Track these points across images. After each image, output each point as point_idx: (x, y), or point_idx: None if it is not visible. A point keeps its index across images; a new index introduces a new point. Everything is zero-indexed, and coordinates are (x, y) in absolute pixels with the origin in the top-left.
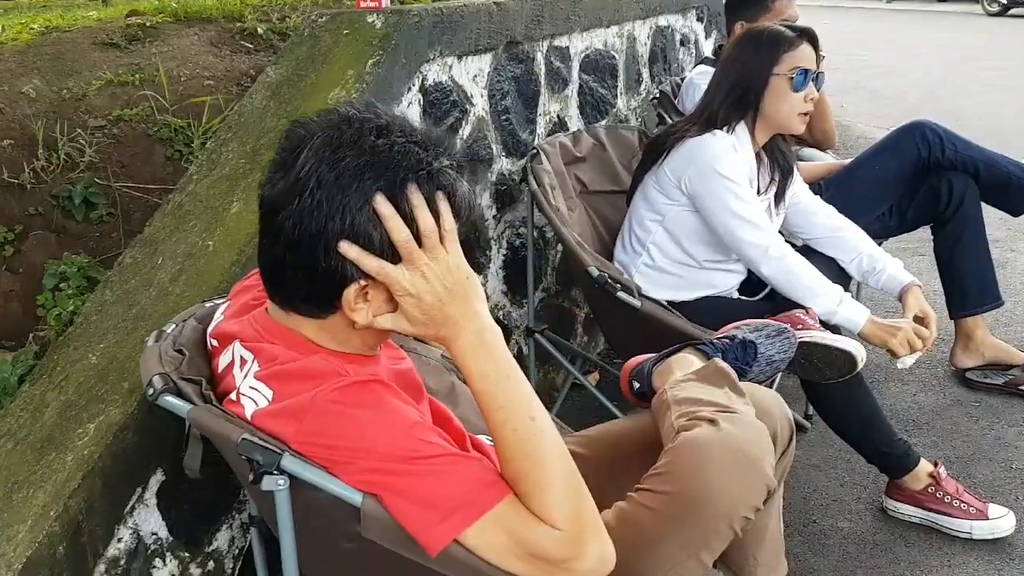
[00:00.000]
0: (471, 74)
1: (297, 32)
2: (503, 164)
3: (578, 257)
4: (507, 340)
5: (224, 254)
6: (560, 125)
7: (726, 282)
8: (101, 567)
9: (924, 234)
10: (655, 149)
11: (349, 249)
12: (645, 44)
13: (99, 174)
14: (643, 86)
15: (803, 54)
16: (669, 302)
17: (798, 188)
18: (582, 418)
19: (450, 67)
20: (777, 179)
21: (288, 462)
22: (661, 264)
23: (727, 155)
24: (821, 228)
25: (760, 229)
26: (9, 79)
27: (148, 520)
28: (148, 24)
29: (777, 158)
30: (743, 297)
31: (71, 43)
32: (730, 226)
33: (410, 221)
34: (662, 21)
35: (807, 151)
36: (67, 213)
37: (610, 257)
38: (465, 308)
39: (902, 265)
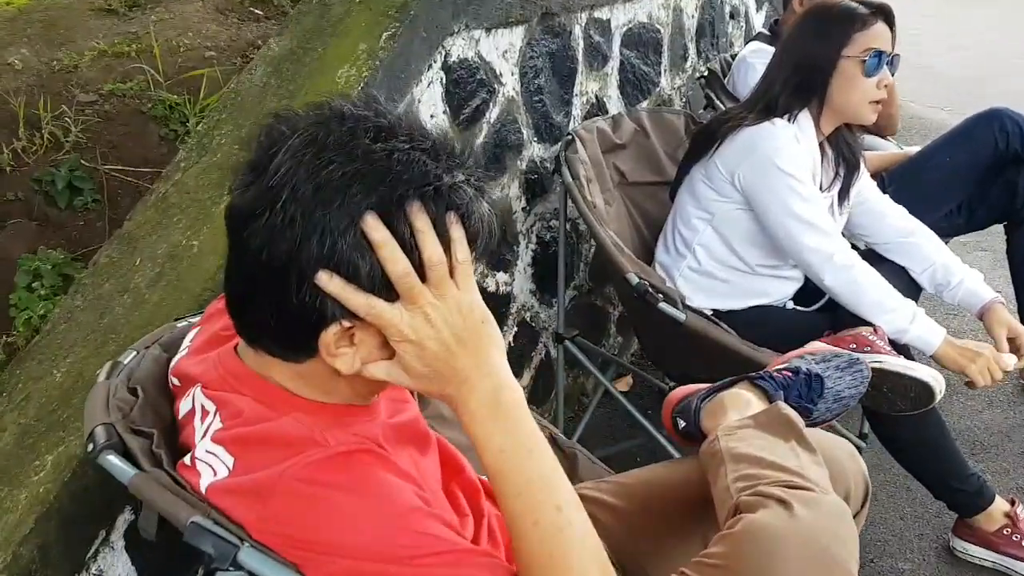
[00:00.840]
0: (500, 49)
1: None
2: (534, 150)
3: (615, 261)
4: (535, 343)
5: (209, 257)
6: (598, 106)
7: (781, 290)
8: None
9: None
10: (705, 138)
11: (329, 282)
12: (692, 17)
13: (86, 155)
14: (689, 63)
15: (877, 33)
16: (715, 311)
17: (864, 184)
18: (614, 427)
19: (477, 41)
20: (842, 174)
21: (247, 556)
22: (708, 268)
23: (788, 147)
24: (890, 232)
25: (824, 233)
26: None
27: (115, 564)
28: None
29: (843, 150)
30: (798, 307)
31: (66, 9)
32: (790, 229)
33: (411, 249)
34: None
35: (870, 140)
36: (50, 199)
37: (651, 257)
38: (479, 360)
39: (982, 278)
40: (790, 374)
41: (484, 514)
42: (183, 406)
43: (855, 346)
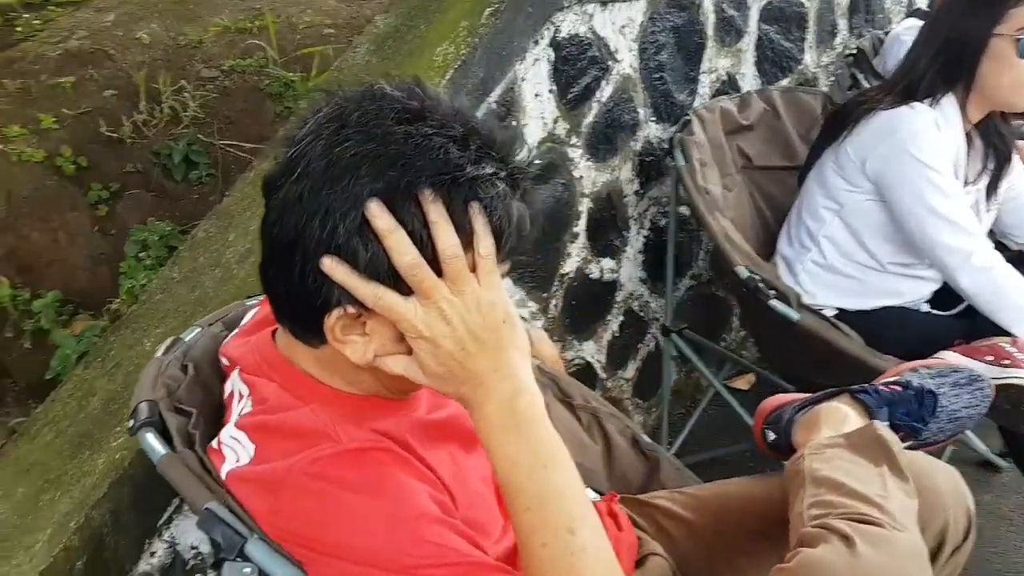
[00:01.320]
0: (618, 24)
1: None
2: (651, 131)
3: (725, 252)
4: (642, 334)
5: None
6: (730, 84)
7: (916, 291)
8: None
9: None
10: (837, 121)
11: (334, 268)
12: None
13: (204, 130)
14: (838, 39)
15: None
16: (841, 311)
17: (1017, 179)
18: (728, 432)
19: (591, 16)
20: (991, 168)
21: (253, 548)
22: (835, 263)
23: (928, 134)
24: None
25: (963, 232)
26: (127, 23)
27: (187, 532)
28: None
29: (994, 141)
30: (934, 311)
31: None
32: (925, 224)
33: (424, 241)
34: None
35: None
36: (167, 172)
37: (773, 248)
38: (497, 363)
39: None
40: (899, 388)
41: None
42: (227, 387)
43: (992, 358)
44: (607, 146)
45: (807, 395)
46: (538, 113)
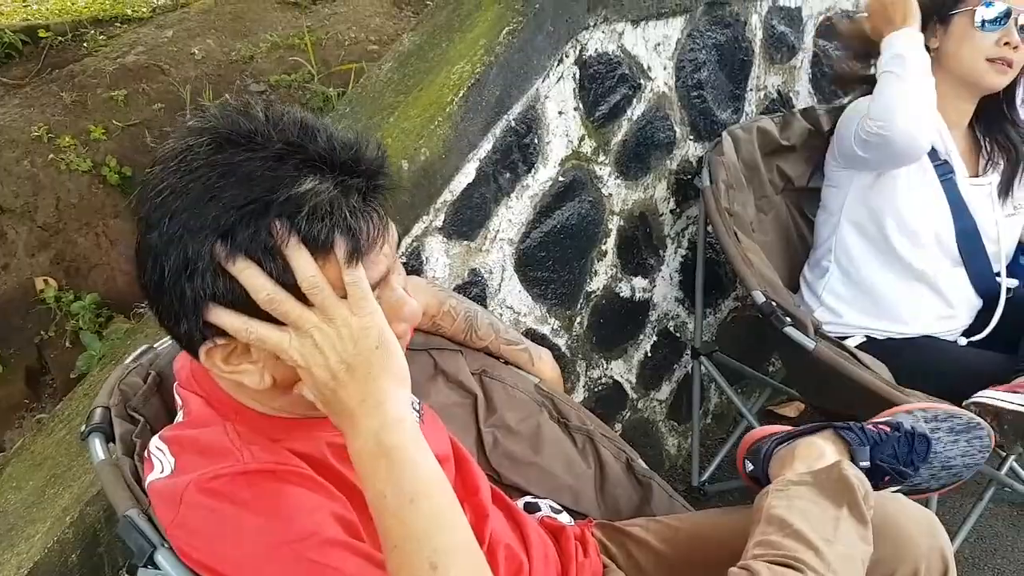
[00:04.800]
0: (652, 42)
1: None
2: (690, 149)
3: (742, 276)
4: (678, 355)
5: None
6: (781, 102)
7: (918, 316)
8: None
9: None
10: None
11: (216, 312)
12: None
13: None
14: None
15: None
16: (871, 339)
17: None
18: None
19: (620, 35)
20: (1001, 164)
21: (162, 558)
22: (850, 276)
23: None
24: None
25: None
26: (185, 39)
27: None
28: None
29: (998, 139)
30: (972, 345)
31: (255, 2)
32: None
33: (281, 270)
34: None
35: None
36: None
37: None
38: (366, 393)
39: None
40: (888, 429)
41: (483, 541)
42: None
43: None
44: (639, 164)
45: (791, 428)
46: (562, 131)
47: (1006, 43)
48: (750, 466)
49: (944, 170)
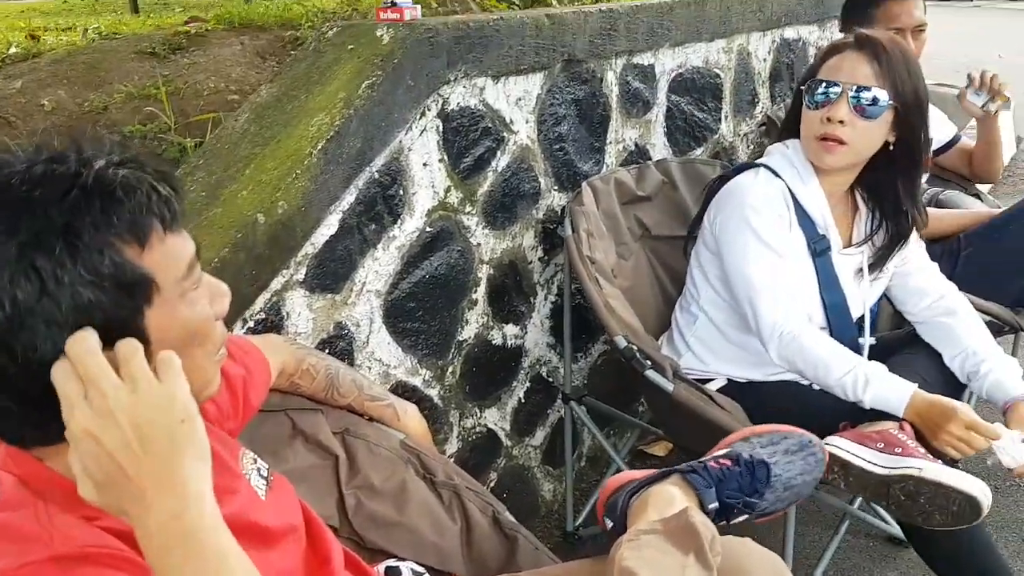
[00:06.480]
0: (513, 97)
1: (305, 45)
2: (554, 199)
3: (604, 321)
4: (552, 400)
5: None
6: (639, 154)
7: (781, 368)
8: None
9: None
10: (708, 191)
11: None
12: (764, 60)
13: None
14: (759, 108)
15: (839, 64)
16: (731, 381)
17: (911, 253)
18: None
19: (482, 89)
20: (883, 241)
21: None
22: (717, 331)
23: (761, 196)
24: (926, 310)
25: (778, 303)
26: (35, 89)
27: None
28: (196, 32)
29: (888, 212)
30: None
31: (111, 51)
32: (744, 286)
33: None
34: (789, 33)
35: (950, 194)
36: None
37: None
38: (163, 472)
39: (1018, 371)
40: (729, 463)
41: None
42: None
43: (883, 445)
44: (505, 214)
45: (643, 474)
46: (428, 182)
47: (828, 119)
48: (609, 524)
49: (822, 245)
